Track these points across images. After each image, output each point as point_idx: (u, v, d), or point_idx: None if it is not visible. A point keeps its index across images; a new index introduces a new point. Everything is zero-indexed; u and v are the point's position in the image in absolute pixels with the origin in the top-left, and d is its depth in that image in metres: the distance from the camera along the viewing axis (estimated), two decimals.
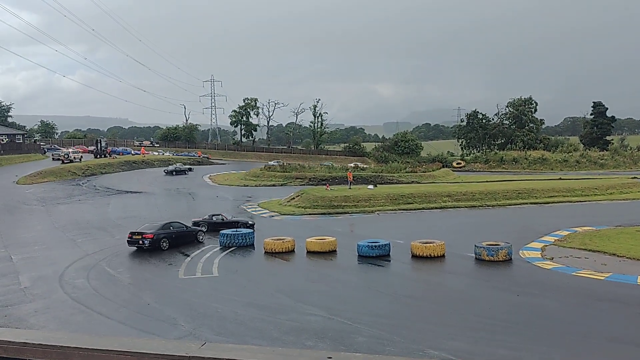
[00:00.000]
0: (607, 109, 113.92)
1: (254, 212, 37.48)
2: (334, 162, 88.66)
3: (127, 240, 23.34)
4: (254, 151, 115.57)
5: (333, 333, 12.87)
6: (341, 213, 36.71)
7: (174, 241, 24.42)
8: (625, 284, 17.03)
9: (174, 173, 65.24)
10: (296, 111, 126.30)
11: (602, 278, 17.79)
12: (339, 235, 25.07)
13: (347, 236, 26.78)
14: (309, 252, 22.68)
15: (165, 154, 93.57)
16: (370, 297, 16.76)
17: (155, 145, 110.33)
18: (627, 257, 20.57)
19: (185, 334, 12.79)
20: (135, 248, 22.98)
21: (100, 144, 77.51)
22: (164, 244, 23.75)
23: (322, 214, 36.59)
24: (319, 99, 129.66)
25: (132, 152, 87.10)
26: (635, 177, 60.02)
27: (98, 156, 73.49)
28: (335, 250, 22.98)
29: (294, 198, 41.41)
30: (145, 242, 22.94)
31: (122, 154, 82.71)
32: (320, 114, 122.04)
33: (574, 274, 18.63)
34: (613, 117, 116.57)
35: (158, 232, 23.94)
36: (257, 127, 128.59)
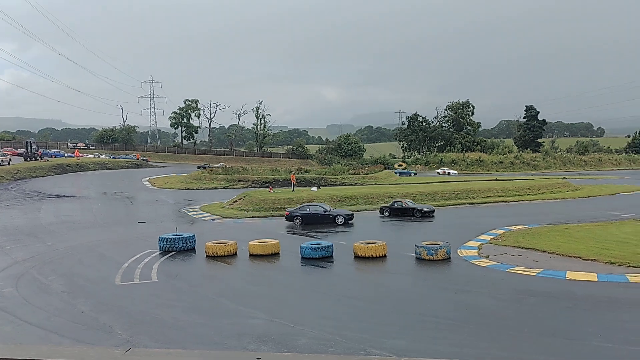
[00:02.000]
0: (538, 112, 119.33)
1: (195, 216, 36.81)
2: (277, 164, 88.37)
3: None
4: (195, 154, 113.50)
5: (275, 336, 12.77)
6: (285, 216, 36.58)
7: (307, 220, 31.65)
8: (555, 279, 17.83)
9: None
10: (239, 113, 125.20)
11: (534, 274, 18.57)
12: (282, 238, 24.97)
13: (291, 238, 26.71)
14: (251, 255, 22.46)
15: (101, 156, 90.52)
16: (313, 299, 16.77)
17: (91, 147, 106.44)
18: (556, 254, 21.56)
19: (122, 342, 12.34)
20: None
21: (31, 147, 73.98)
22: (297, 221, 31.82)
23: (265, 216, 36.38)
24: (262, 101, 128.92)
25: (66, 155, 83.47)
26: (564, 178, 63.17)
27: (28, 159, 70.18)
28: (278, 253, 22.87)
29: (236, 201, 40.98)
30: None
31: (55, 157, 79.14)
32: (263, 116, 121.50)
33: (508, 270, 19.33)
34: (544, 120, 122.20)
35: (293, 211, 32.55)
36: (199, 129, 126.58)
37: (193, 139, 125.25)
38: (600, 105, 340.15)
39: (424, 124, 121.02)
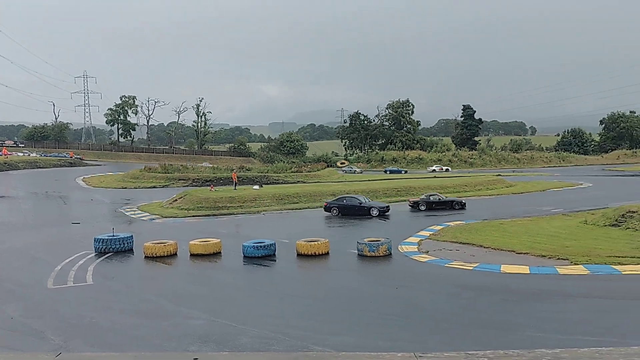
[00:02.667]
0: (475, 111, 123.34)
1: (133, 216, 35.73)
2: (218, 162, 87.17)
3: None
4: (132, 152, 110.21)
5: (217, 336, 12.59)
6: (226, 214, 36.21)
7: (344, 211, 34.20)
8: (490, 273, 18.50)
9: None
10: (178, 110, 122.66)
11: (471, 268, 19.19)
12: (224, 237, 24.66)
13: (233, 237, 26.43)
14: (192, 255, 22.04)
15: (31, 154, 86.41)
16: (255, 298, 16.64)
17: (20, 145, 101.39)
18: (492, 248, 22.38)
19: (55, 348, 11.82)
20: None
21: None
22: (334, 211, 34.44)
23: (206, 215, 35.83)
24: (202, 98, 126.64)
25: None
26: (499, 175, 65.64)
27: None
28: (219, 252, 22.56)
29: (176, 200, 40.10)
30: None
31: None
32: (203, 113, 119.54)
33: (446, 265, 19.89)
34: (480, 119, 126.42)
35: (331, 203, 35.35)
36: (136, 126, 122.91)
37: (130, 137, 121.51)
38: (533, 106, 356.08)
39: (365, 122, 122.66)
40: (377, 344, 11.86)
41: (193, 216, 35.35)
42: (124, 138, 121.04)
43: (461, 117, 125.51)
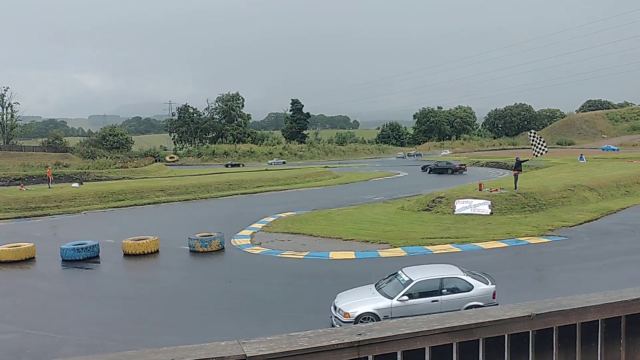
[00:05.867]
0: (303, 106, 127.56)
1: None
2: (30, 159, 78.58)
3: None
4: None
5: (33, 349, 11.41)
6: (41, 215, 32.91)
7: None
8: (320, 260, 19.38)
9: None
10: None
11: (302, 257, 19.91)
12: (38, 240, 22.38)
13: (49, 240, 24.09)
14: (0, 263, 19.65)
15: None
16: (77, 304, 15.37)
17: None
18: (321, 237, 23.44)
19: None
20: None
21: None
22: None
23: (16, 217, 32.20)
24: (7, 87, 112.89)
25: None
26: (326, 167, 68.88)
27: None
28: (33, 257, 20.46)
29: None
30: None
31: None
32: (10, 104, 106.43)
33: (278, 255, 20.37)
34: (308, 113, 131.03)
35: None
36: None
37: None
38: (356, 100, 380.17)
39: (195, 115, 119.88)
40: (211, 339, 11.72)
41: (0, 219, 31.48)
42: None
43: (290, 111, 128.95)
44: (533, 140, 30.94)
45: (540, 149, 30.37)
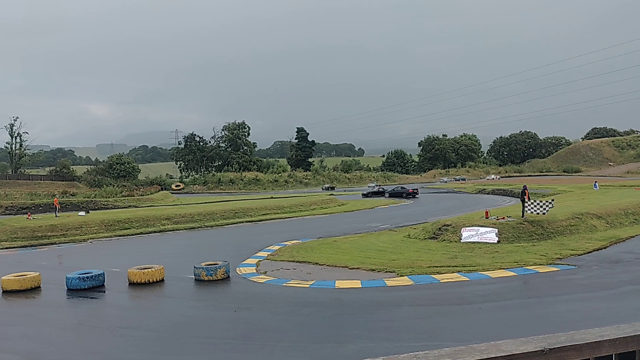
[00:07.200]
0: (308, 134, 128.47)
1: None
2: (37, 188, 79.05)
3: None
4: None
5: None
6: (47, 244, 32.94)
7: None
8: (325, 289, 19.19)
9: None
10: None
11: (307, 286, 19.72)
12: (44, 269, 22.38)
13: (55, 269, 24.06)
14: (5, 292, 19.66)
15: None
16: (81, 334, 15.24)
17: None
18: (326, 265, 23.27)
19: None
20: None
21: None
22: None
23: (23, 246, 32.23)
24: (17, 117, 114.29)
25: None
26: (332, 194, 68.86)
27: None
28: (39, 287, 20.39)
29: None
30: None
31: None
32: (19, 133, 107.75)
33: (284, 284, 20.19)
34: (313, 141, 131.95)
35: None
36: None
37: None
38: (361, 129, 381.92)
39: (201, 143, 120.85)
40: None
41: (6, 248, 31.54)
42: None
43: (295, 139, 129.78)
44: (531, 205, 29.46)
45: (543, 206, 29.06)
